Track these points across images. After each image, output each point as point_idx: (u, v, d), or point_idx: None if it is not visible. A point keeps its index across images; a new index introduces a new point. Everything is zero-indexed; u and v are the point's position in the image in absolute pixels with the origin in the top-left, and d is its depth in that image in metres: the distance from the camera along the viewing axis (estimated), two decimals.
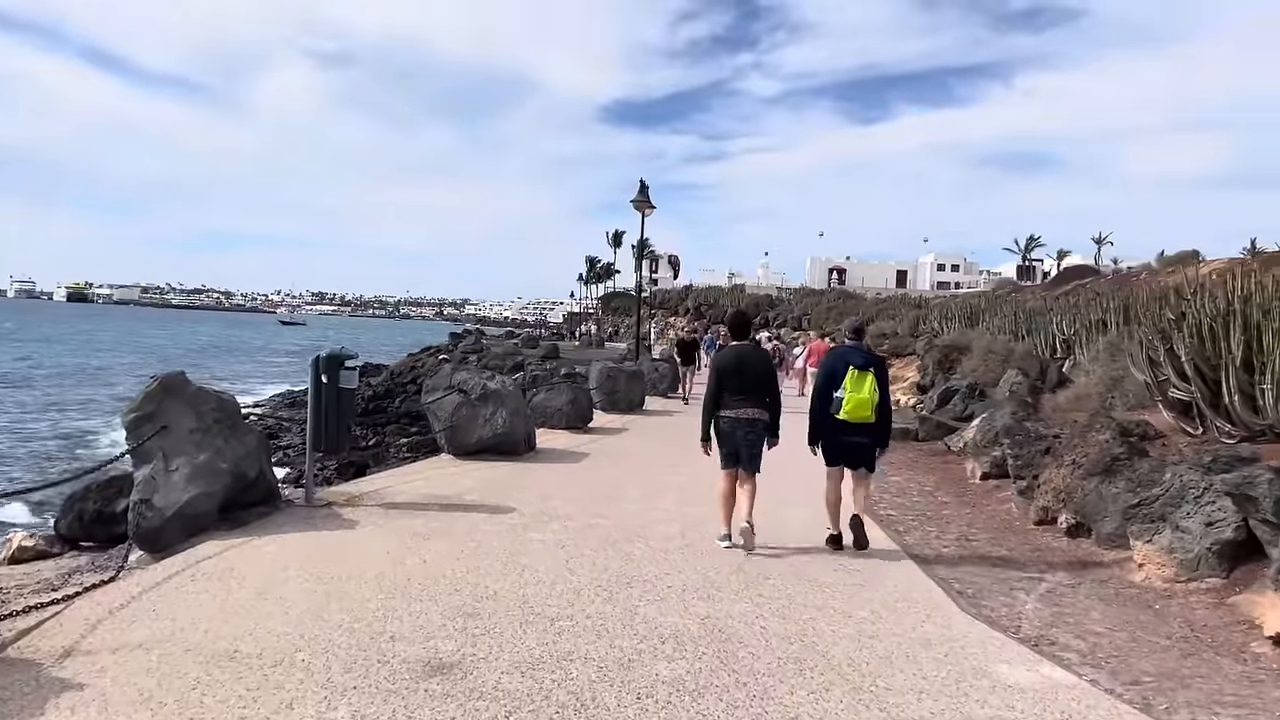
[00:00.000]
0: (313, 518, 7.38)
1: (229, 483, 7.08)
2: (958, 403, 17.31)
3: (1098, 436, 8.10)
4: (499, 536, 6.92)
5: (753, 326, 8.54)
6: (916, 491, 10.07)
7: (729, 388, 6.99)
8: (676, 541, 7.01)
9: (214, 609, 5.00)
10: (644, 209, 23.46)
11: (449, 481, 9.36)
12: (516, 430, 11.09)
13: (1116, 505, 7.01)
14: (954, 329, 26.46)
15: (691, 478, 10.19)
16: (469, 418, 10.88)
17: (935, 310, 30.57)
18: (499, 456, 10.94)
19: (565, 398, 14.28)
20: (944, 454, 13.03)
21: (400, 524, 7.23)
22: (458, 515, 7.65)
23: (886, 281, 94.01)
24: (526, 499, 8.51)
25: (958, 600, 5.76)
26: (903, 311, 38.57)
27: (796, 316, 55.08)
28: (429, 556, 6.23)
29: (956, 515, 8.78)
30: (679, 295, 79.25)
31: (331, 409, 7.88)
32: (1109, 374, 11.14)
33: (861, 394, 6.82)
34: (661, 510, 8.27)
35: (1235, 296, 7.49)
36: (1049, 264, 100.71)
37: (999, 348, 18.55)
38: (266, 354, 76.22)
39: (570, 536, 7.03)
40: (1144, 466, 7.07)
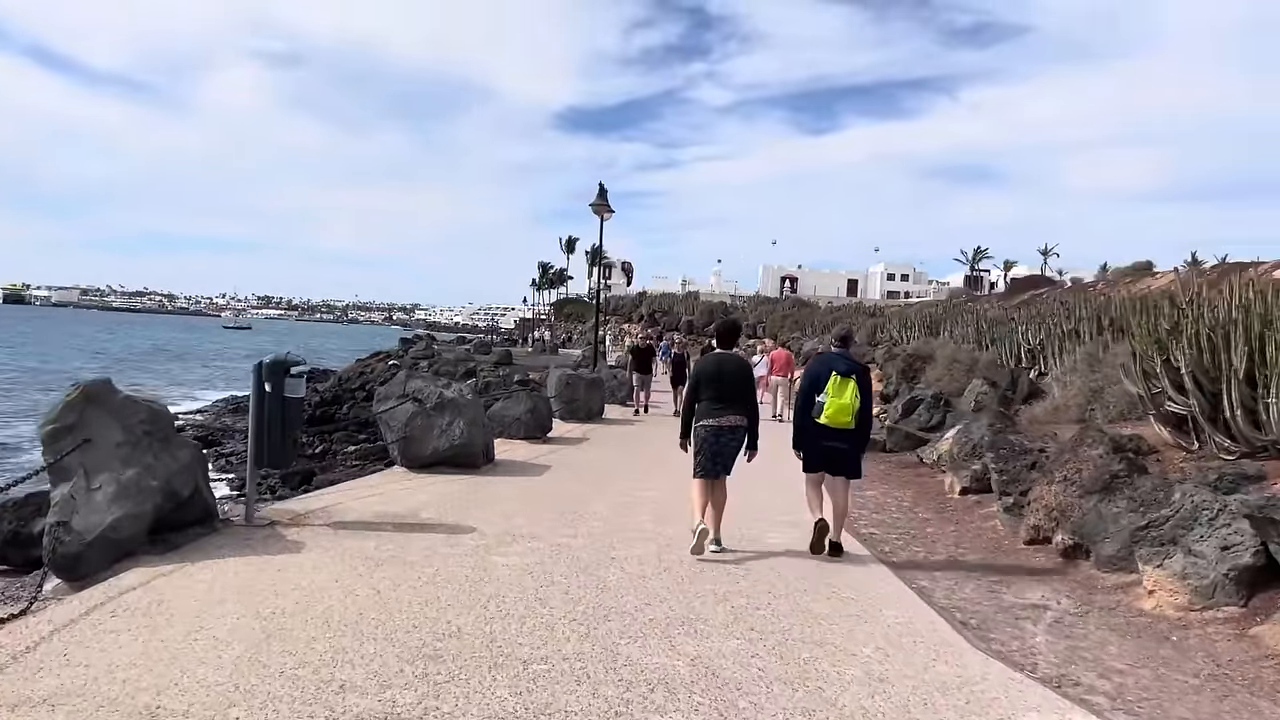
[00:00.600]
0: (253, 540, 6.72)
1: (160, 502, 6.40)
2: (923, 412, 17.03)
3: (1090, 452, 7.73)
4: (460, 561, 6.33)
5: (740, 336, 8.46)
6: (895, 507, 9.66)
7: (708, 395, 7.03)
8: (653, 565, 6.48)
9: (136, 652, 4.36)
10: (603, 213, 22.92)
11: (403, 497, 8.73)
12: (475, 441, 10.49)
13: (1118, 526, 6.62)
14: (914, 338, 26.31)
15: (660, 491, 9.70)
16: (424, 428, 10.25)
17: (894, 319, 30.43)
18: (456, 469, 10.32)
19: (524, 406, 13.69)
20: (916, 466, 12.68)
21: (350, 546, 6.61)
22: (414, 536, 7.04)
23: (838, 290, 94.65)
24: (488, 517, 7.93)
25: (964, 633, 5.30)
26: (859, 320, 38.51)
27: (751, 324, 54.86)
28: (383, 585, 5.63)
29: (941, 533, 8.36)
30: (633, 302, 78.77)
31: (275, 420, 7.23)
32: (1088, 385, 10.84)
33: (843, 400, 6.89)
34: (633, 529, 7.73)
35: (1235, 306, 7.18)
36: (995, 274, 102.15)
37: (963, 357, 18.32)
38: (209, 358, 74.33)
39: (538, 560, 6.46)
40: (1146, 484, 6.69)
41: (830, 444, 7.03)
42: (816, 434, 7.04)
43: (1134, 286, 25.56)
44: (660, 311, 69.99)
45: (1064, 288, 36.31)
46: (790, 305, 64.42)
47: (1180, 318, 7.72)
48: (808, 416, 7.08)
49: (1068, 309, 17.92)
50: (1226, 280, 7.67)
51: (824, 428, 6.95)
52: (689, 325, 61.97)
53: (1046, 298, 32.22)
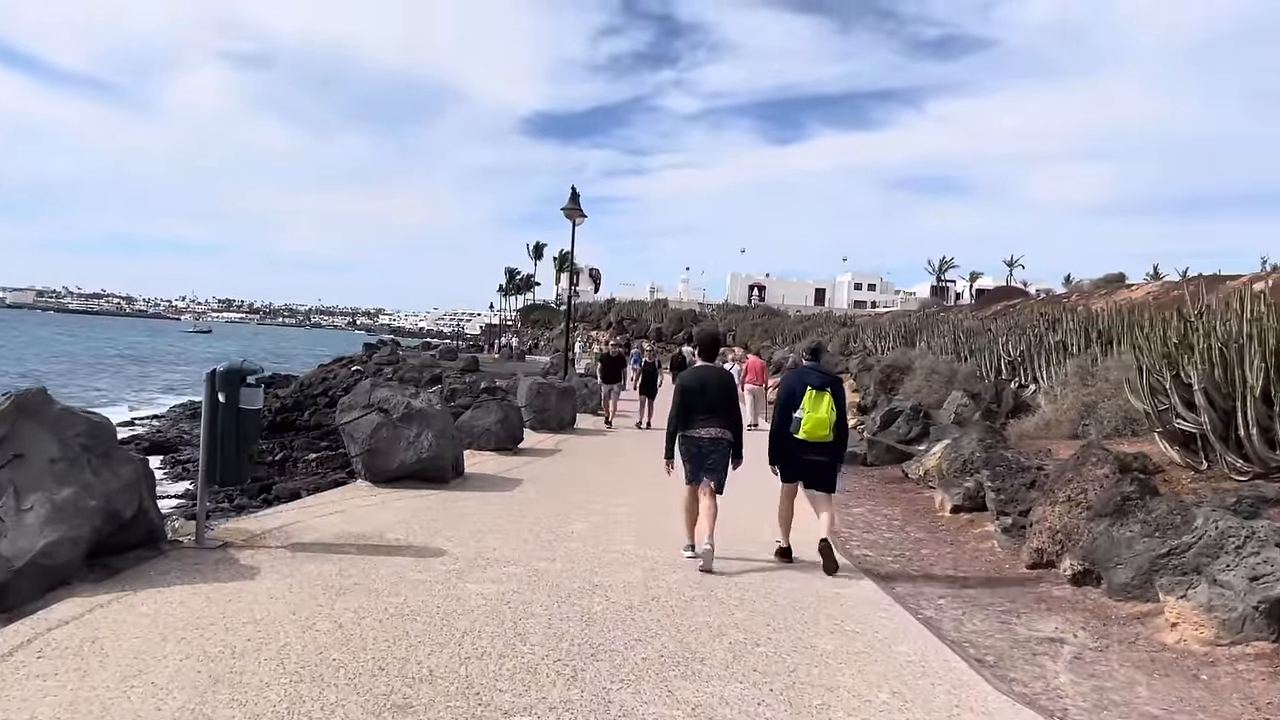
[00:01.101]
0: (203, 564, 6.16)
1: (99, 524, 5.82)
2: (902, 424, 16.68)
3: (1095, 471, 7.37)
4: (429, 589, 5.82)
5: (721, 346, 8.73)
6: (885, 525, 9.26)
7: (693, 407, 7.07)
8: (640, 593, 6.01)
9: (64, 701, 3.82)
10: (575, 217, 22.43)
11: (367, 515, 8.19)
12: (444, 454, 9.96)
13: (1132, 551, 6.25)
14: (889, 348, 26.06)
15: (640, 508, 9.24)
16: (390, 440, 9.70)
17: (867, 329, 30.20)
18: (424, 483, 9.79)
19: (494, 416, 13.16)
20: (901, 481, 12.31)
21: (310, 572, 6.07)
22: (379, 560, 6.51)
23: (806, 299, 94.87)
24: (458, 537, 7.42)
25: (982, 672, 4.88)
26: (831, 330, 38.31)
27: (722, 333, 54.64)
28: (346, 618, 5.11)
29: (937, 555, 7.97)
30: (601, 309, 78.26)
31: (229, 433, 6.68)
32: (1081, 400, 10.54)
33: (819, 413, 6.94)
34: (616, 550, 7.26)
35: (1248, 320, 6.86)
36: (961, 285, 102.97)
37: (942, 368, 18.03)
38: (170, 362, 72.83)
39: (515, 588, 5.97)
40: (1161, 508, 6.33)
41: (810, 457, 7.05)
42: (795, 449, 7.06)
43: (1110, 298, 25.53)
44: (629, 319, 69.57)
45: (1037, 298, 36.35)
46: (760, 314, 64.26)
47: (1189, 331, 7.41)
48: (785, 432, 7.11)
49: (1048, 320, 17.72)
50: (1236, 293, 7.37)
51: (802, 442, 6.99)
52: (658, 333, 61.65)
53: (1020, 308, 32.16)
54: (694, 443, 7.02)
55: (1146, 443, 9.26)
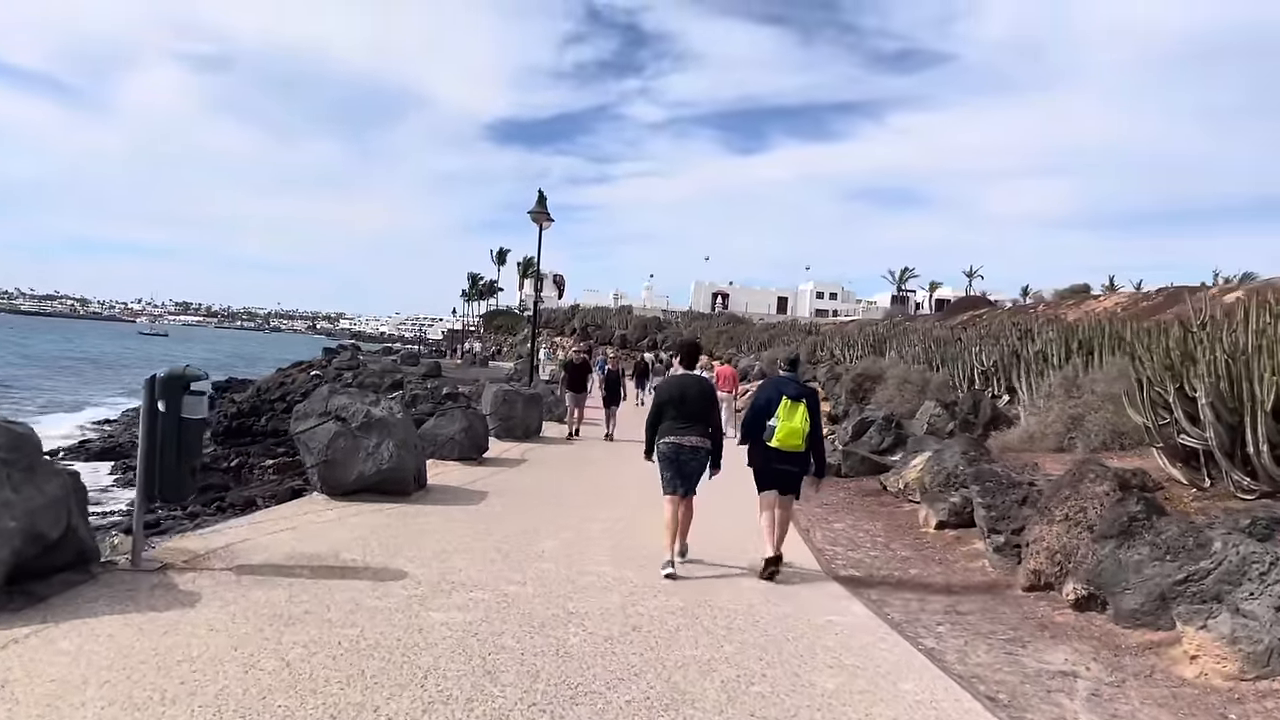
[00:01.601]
0: (138, 590, 5.59)
1: (19, 545, 5.23)
2: (874, 434, 16.36)
3: (1094, 488, 7.01)
4: (389, 618, 5.30)
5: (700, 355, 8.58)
6: (869, 543, 8.86)
7: (671, 415, 7.12)
8: (619, 622, 5.53)
9: None
10: (542, 221, 21.92)
11: (322, 532, 7.64)
12: (405, 465, 9.41)
13: (1141, 576, 5.88)
14: (857, 356, 25.79)
15: (613, 522, 8.76)
16: (348, 450, 9.14)
17: (835, 337, 29.96)
18: (383, 497, 9.24)
19: (459, 425, 12.61)
20: (879, 493, 11.95)
21: (256, 599, 5.52)
22: (334, 585, 5.97)
23: (769, 308, 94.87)
24: (421, 557, 6.89)
25: (998, 714, 4.47)
26: (797, 338, 38.08)
27: (686, 338, 54.29)
28: (294, 654, 4.58)
29: (927, 575, 7.58)
30: (565, 315, 77.63)
31: (170, 445, 6.10)
32: (1067, 412, 10.23)
33: (793, 423, 7.00)
34: (591, 572, 6.77)
35: (1256, 332, 6.55)
36: (921, 295, 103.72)
37: (914, 378, 17.75)
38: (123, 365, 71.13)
39: (483, 615, 5.47)
40: (1171, 529, 5.97)
41: (781, 466, 7.14)
42: (768, 456, 7.14)
43: (1078, 308, 25.49)
44: (593, 325, 69.05)
45: (1004, 308, 36.40)
46: (725, 321, 64.03)
47: (1193, 343, 7.09)
48: (758, 438, 7.20)
49: (1021, 330, 17.50)
50: (1240, 304, 7.07)
51: (775, 450, 7.06)
52: (622, 339, 61.19)
53: (987, 318, 32.14)
54: (674, 449, 7.06)
55: (1137, 457, 8.97)
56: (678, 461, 7.04)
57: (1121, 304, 24.57)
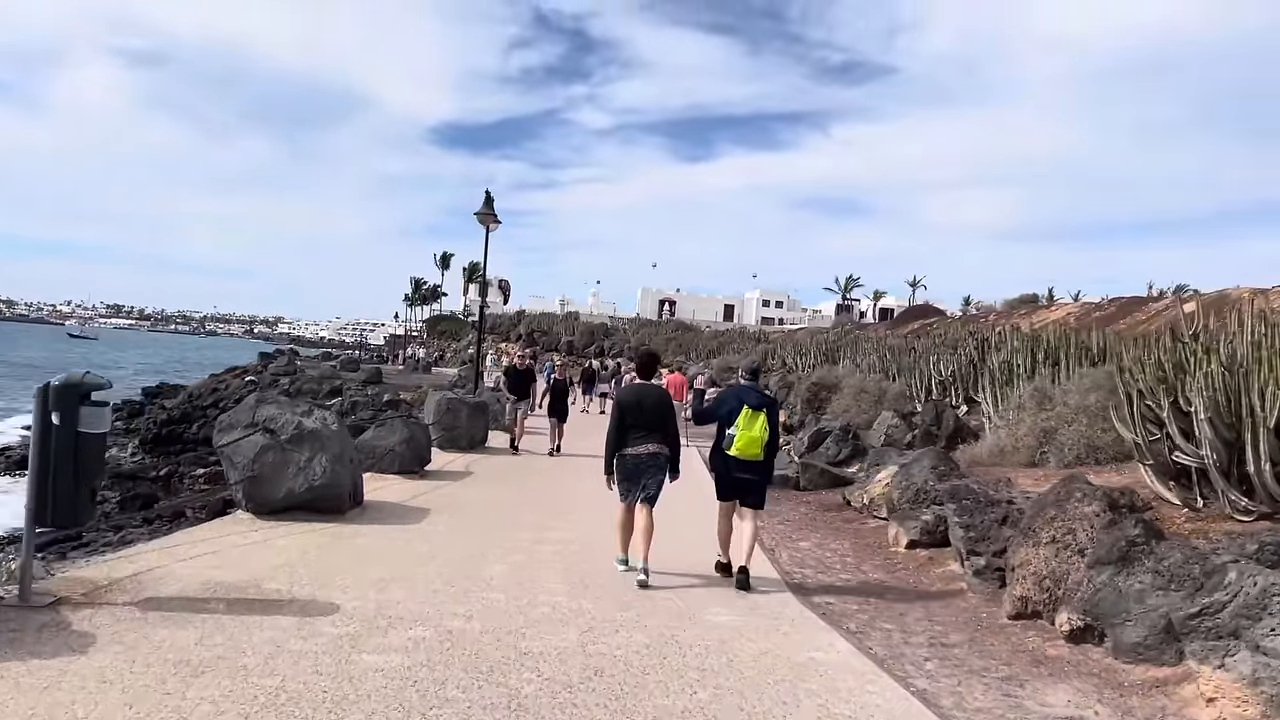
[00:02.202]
0: (23, 631, 4.84)
1: None
2: (831, 445, 15.93)
3: (1082, 508, 6.58)
4: (315, 663, 4.63)
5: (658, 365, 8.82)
6: (838, 564, 8.35)
7: (630, 424, 7.18)
8: (578, 664, 4.92)
9: None
10: (489, 222, 21.16)
11: (245, 557, 6.90)
12: (340, 481, 8.69)
13: (1143, 606, 5.43)
14: (809, 365, 25.48)
15: (567, 543, 8.14)
16: (277, 465, 8.40)
17: (786, 345, 29.63)
18: (316, 515, 8.51)
19: (399, 436, 11.87)
20: (840, 508, 11.48)
21: (161, 641, 4.82)
22: (253, 621, 5.28)
23: (716, 315, 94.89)
24: (355, 586, 6.21)
25: None
26: (747, 346, 37.77)
27: (634, 346, 53.72)
28: (200, 713, 3.90)
29: (905, 603, 7.06)
30: (511, 320, 76.62)
31: (65, 463, 5.35)
32: (1039, 424, 9.84)
33: (753, 432, 7.06)
34: (544, 603, 6.14)
35: (1250, 342, 6.17)
36: (866, 303, 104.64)
37: (871, 387, 17.39)
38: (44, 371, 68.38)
39: (424, 658, 4.82)
40: (1173, 555, 5.53)
41: (740, 475, 7.19)
42: (728, 464, 7.21)
43: (1030, 318, 25.47)
44: (539, 331, 68.23)
45: (954, 317, 36.47)
46: (674, 329, 63.67)
47: (1185, 354, 6.71)
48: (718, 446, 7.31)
49: (978, 339, 17.24)
50: (1234, 312, 6.71)
51: (734, 459, 7.13)
52: (569, 346, 60.51)
53: (937, 327, 32.11)
54: (632, 459, 7.12)
55: (1115, 473, 8.61)
56: (637, 471, 7.12)
57: (1074, 314, 24.59)
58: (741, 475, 7.18)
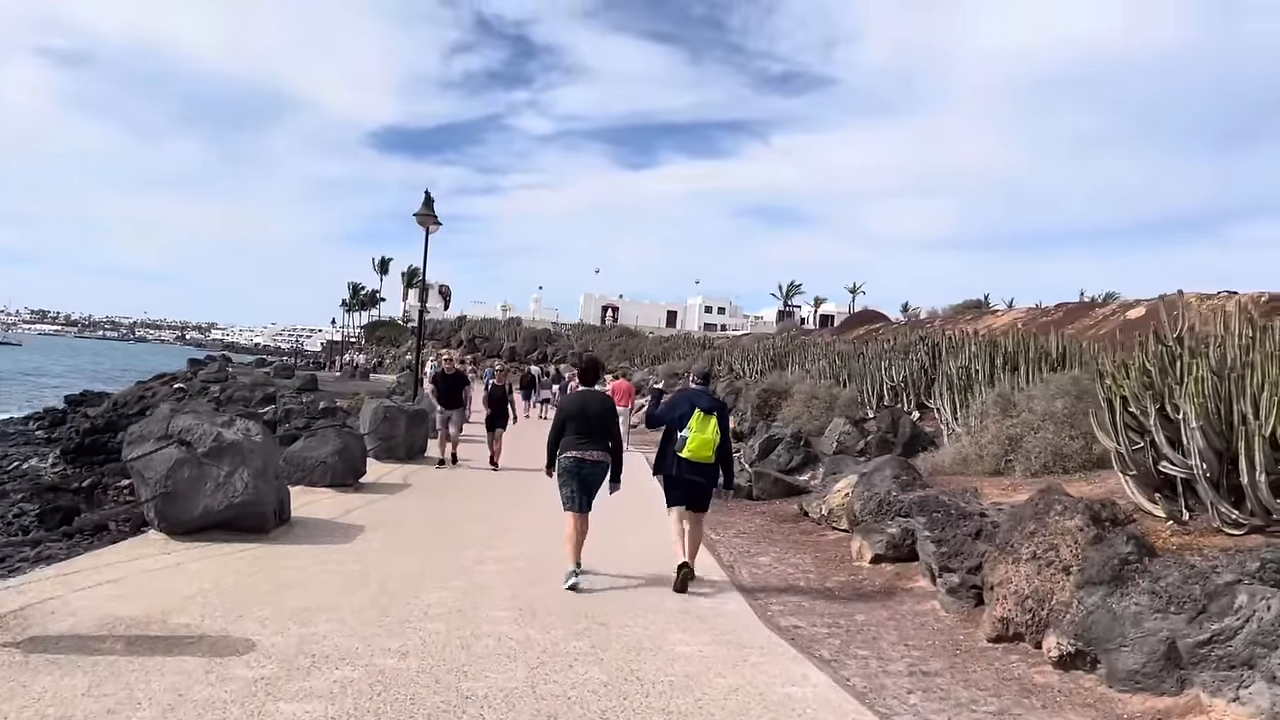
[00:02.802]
0: None
1: None
2: (782, 452, 15.56)
3: (1064, 522, 6.18)
4: (223, 716, 4.00)
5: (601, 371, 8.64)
6: (801, 581, 7.88)
7: (573, 430, 7.23)
8: (529, 708, 4.35)
9: None
10: (428, 224, 20.42)
11: (153, 585, 6.20)
12: (263, 497, 7.99)
13: (1141, 630, 5.03)
14: (757, 371, 25.12)
15: (512, 563, 7.55)
16: (193, 481, 7.68)
17: (734, 351, 29.27)
18: (236, 535, 7.80)
19: (331, 447, 11.14)
20: (797, 519, 11.04)
21: (42, 691, 4.14)
22: (154, 663, 4.61)
23: (658, 321, 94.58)
24: (275, 618, 5.56)
25: None
26: (693, 351, 37.37)
27: (577, 352, 53.04)
28: None
29: (875, 623, 6.61)
30: (452, 326, 75.39)
31: None
32: (1004, 432, 9.49)
33: (705, 435, 7.13)
34: (488, 633, 5.56)
35: (1238, 345, 5.83)
36: (807, 310, 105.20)
37: (822, 393, 17.04)
38: None
39: (351, 708, 4.21)
40: (1170, 574, 5.14)
41: (691, 477, 7.24)
42: (679, 467, 7.23)
43: (976, 324, 25.43)
44: (481, 337, 67.23)
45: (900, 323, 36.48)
46: (618, 334, 63.11)
47: (1170, 358, 6.36)
48: (669, 449, 7.32)
49: (929, 344, 17.00)
50: (1218, 314, 6.39)
51: (686, 461, 7.18)
52: (511, 352, 59.65)
53: (883, 333, 32.00)
54: (574, 462, 7.14)
55: (1084, 482, 8.28)
56: (579, 476, 7.15)
57: (1021, 319, 24.58)
58: (692, 477, 7.24)
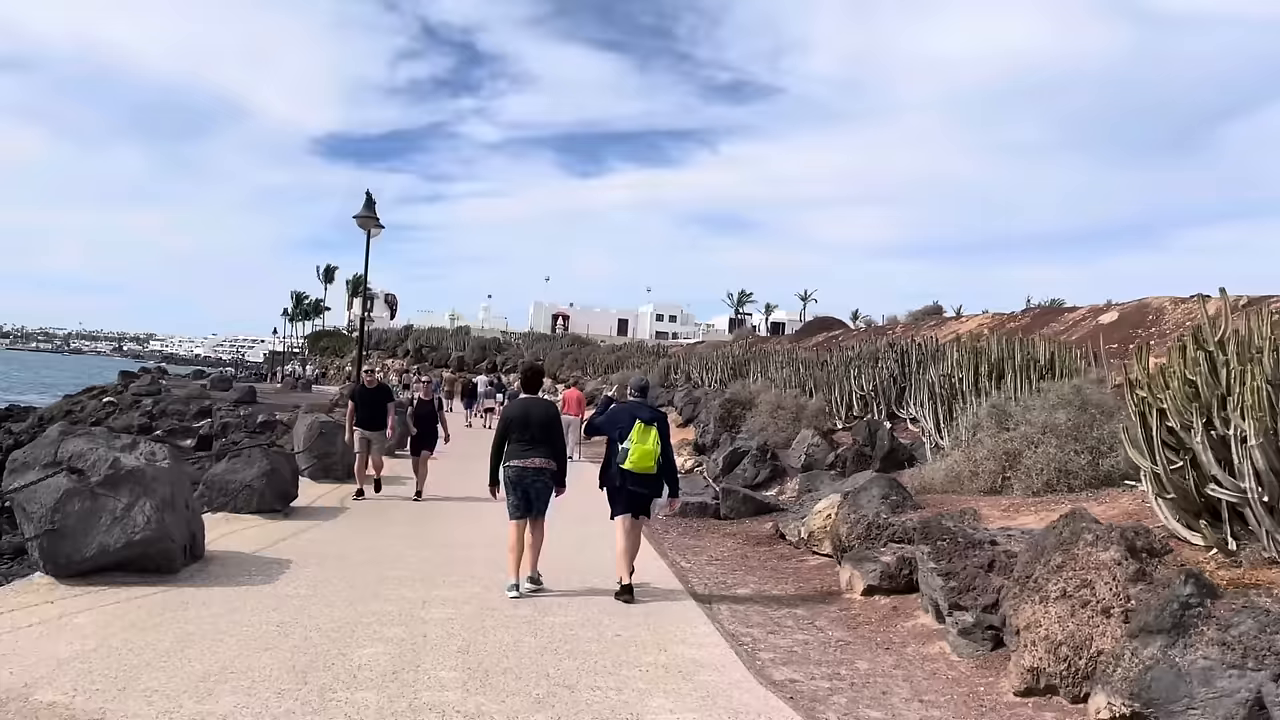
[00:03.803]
0: None
1: None
2: (748, 466, 14.75)
3: (1097, 554, 5.38)
4: None
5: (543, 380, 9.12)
6: (789, 619, 6.98)
7: (515, 438, 7.27)
8: None
9: None
10: (369, 226, 19.27)
11: (25, 643, 5.13)
12: (169, 532, 6.91)
13: (1213, 690, 4.21)
14: (716, 380, 24.30)
15: (461, 609, 6.55)
16: (85, 515, 6.59)
17: (691, 359, 28.47)
18: (138, 577, 6.72)
19: (257, 469, 10.03)
20: (771, 540, 10.20)
21: None
22: None
23: (610, 329, 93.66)
24: (169, 687, 4.54)
25: None
26: (648, 361, 36.50)
27: (528, 362, 51.97)
28: None
29: (883, 674, 5.74)
30: (398, 335, 73.74)
31: None
32: (1001, 447, 8.72)
33: (646, 445, 7.18)
34: (432, 704, 4.58)
35: None
36: (758, 317, 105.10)
37: (788, 403, 16.24)
38: None
39: None
40: (1244, 623, 4.34)
41: (634, 489, 7.33)
42: (622, 478, 7.28)
43: (941, 329, 24.89)
44: (428, 346, 65.78)
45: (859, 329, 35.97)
46: (569, 343, 62.05)
47: (1212, 365, 5.59)
48: (612, 462, 7.37)
49: (897, 350, 16.30)
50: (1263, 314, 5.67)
51: (629, 473, 7.22)
52: (459, 361, 58.33)
53: (844, 339, 31.44)
54: (518, 471, 7.20)
55: (1095, 501, 7.51)
56: (522, 485, 7.19)
57: (987, 324, 24.04)
58: (635, 489, 7.32)
